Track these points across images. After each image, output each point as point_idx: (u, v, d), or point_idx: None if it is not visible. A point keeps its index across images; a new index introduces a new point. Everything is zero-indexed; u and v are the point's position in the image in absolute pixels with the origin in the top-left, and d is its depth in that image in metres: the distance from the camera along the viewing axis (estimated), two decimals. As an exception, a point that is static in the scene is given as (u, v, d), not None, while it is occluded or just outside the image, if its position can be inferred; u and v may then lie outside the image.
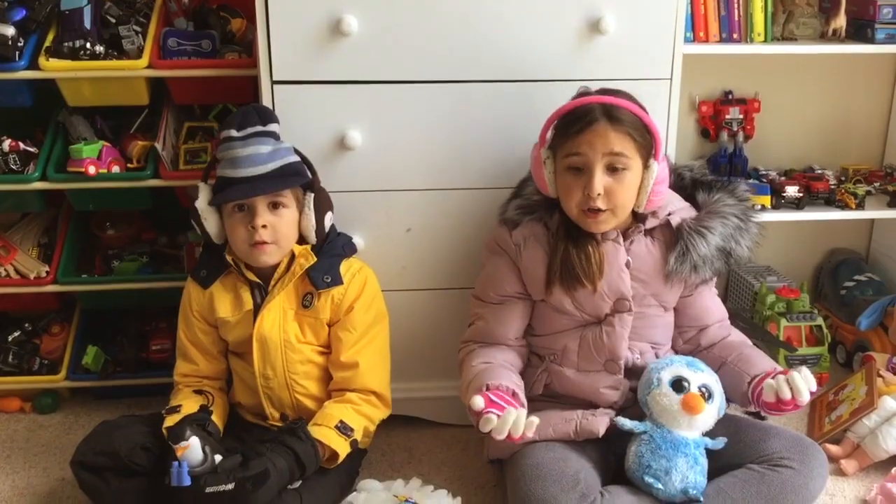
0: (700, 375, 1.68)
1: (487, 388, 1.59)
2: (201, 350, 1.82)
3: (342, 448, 1.67)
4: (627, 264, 1.71)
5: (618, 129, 1.61)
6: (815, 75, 2.45)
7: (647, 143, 1.64)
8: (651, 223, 1.73)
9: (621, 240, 1.71)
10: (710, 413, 1.65)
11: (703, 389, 1.65)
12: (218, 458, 1.58)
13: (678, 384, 1.65)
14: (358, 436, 1.71)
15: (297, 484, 1.62)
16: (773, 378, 1.61)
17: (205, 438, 1.58)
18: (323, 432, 1.67)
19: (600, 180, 1.62)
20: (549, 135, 1.70)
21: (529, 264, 1.74)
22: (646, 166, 1.65)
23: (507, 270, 1.77)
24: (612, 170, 1.63)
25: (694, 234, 1.70)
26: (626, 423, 1.65)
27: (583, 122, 1.63)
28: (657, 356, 1.76)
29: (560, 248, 1.70)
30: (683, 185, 1.84)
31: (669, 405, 1.64)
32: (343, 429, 1.68)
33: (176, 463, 1.52)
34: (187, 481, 1.51)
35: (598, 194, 1.62)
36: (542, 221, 1.74)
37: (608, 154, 1.62)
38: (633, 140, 1.62)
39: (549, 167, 1.69)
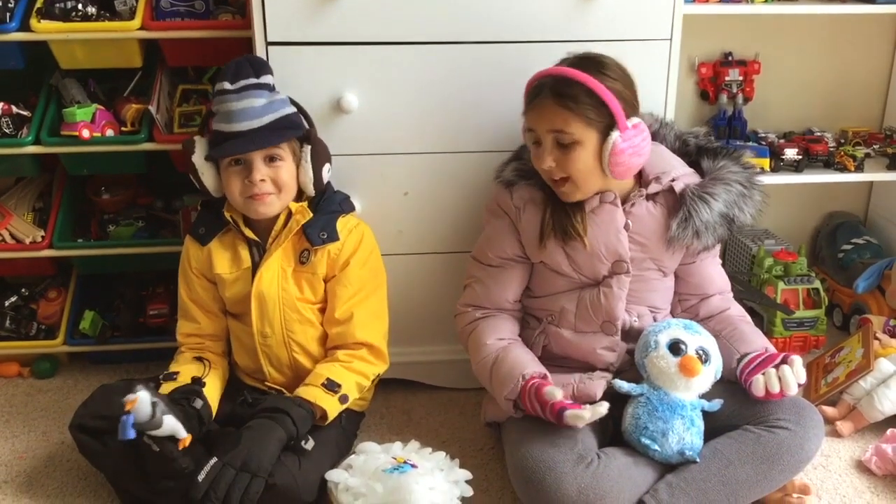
0: (697, 338, 1.68)
1: (526, 378, 1.63)
2: (202, 307, 1.82)
3: (329, 405, 1.68)
4: (627, 227, 1.71)
5: (562, 106, 1.61)
6: (816, 36, 2.43)
7: (601, 115, 1.62)
8: (654, 188, 1.72)
9: (619, 202, 1.71)
10: (707, 375, 1.66)
11: (701, 352, 1.66)
12: (167, 418, 1.55)
13: (675, 347, 1.65)
14: (350, 391, 1.72)
15: (310, 444, 1.64)
16: (763, 374, 1.63)
17: (158, 396, 1.56)
18: (310, 391, 1.68)
19: (549, 154, 1.64)
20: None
21: (528, 226, 1.74)
22: (606, 136, 1.63)
23: (508, 233, 1.77)
24: (560, 144, 1.64)
25: (697, 200, 1.70)
26: (624, 385, 1.66)
27: (533, 98, 1.66)
28: (655, 320, 1.77)
29: (551, 203, 1.72)
30: (688, 151, 1.83)
31: (666, 367, 1.64)
32: (329, 385, 1.69)
33: (124, 416, 1.51)
34: (131, 434, 1.50)
35: (549, 167, 1.64)
36: (539, 185, 1.74)
37: (552, 131, 1.63)
38: (578, 116, 1.61)
39: (527, 137, 1.71)
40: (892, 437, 1.83)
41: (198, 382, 1.71)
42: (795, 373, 1.62)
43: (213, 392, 1.74)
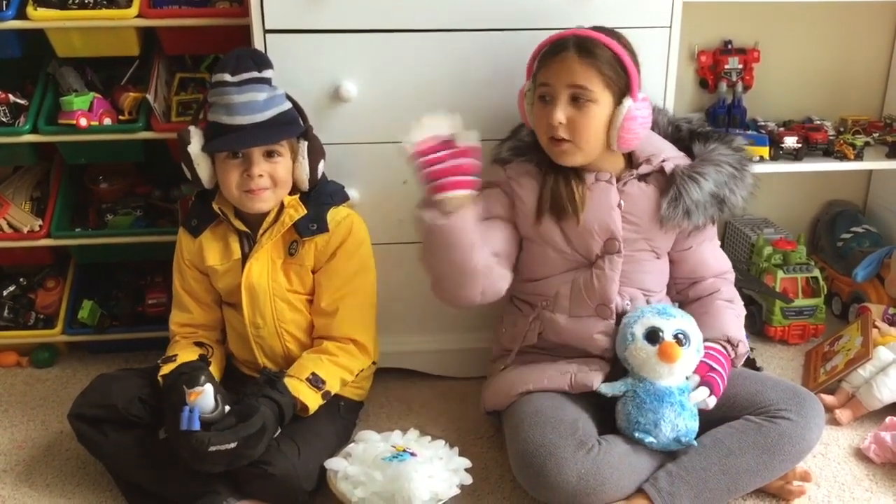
0: (673, 322, 1.67)
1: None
2: (195, 298, 1.82)
3: (312, 401, 1.68)
4: (620, 206, 1.71)
5: (586, 62, 1.62)
6: (816, 24, 2.42)
7: (619, 79, 1.64)
8: (645, 169, 1.72)
9: (614, 181, 1.71)
10: (689, 357, 1.65)
11: (680, 335, 1.65)
12: (227, 408, 1.58)
13: (652, 335, 1.64)
14: (332, 387, 1.72)
15: (277, 432, 1.63)
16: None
17: (217, 387, 1.59)
18: (294, 384, 1.68)
19: (562, 110, 1.64)
20: (534, 68, 1.72)
21: (523, 194, 1.74)
22: (619, 103, 1.65)
23: (498, 196, 1.77)
24: (575, 101, 1.64)
25: (687, 180, 1.70)
26: (607, 390, 1.65)
27: (554, 53, 1.65)
28: (648, 303, 1.76)
29: (549, 181, 1.72)
30: (681, 136, 1.83)
31: (647, 358, 1.63)
32: (314, 381, 1.69)
33: (187, 408, 1.52)
34: (197, 426, 1.52)
35: (560, 123, 1.64)
36: (533, 162, 1.75)
37: (571, 86, 1.63)
38: (600, 74, 1.62)
39: (528, 98, 1.71)
40: (890, 425, 1.83)
41: (203, 360, 1.72)
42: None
43: (214, 375, 1.73)
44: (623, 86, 1.65)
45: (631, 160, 1.75)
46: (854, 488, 1.72)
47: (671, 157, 1.74)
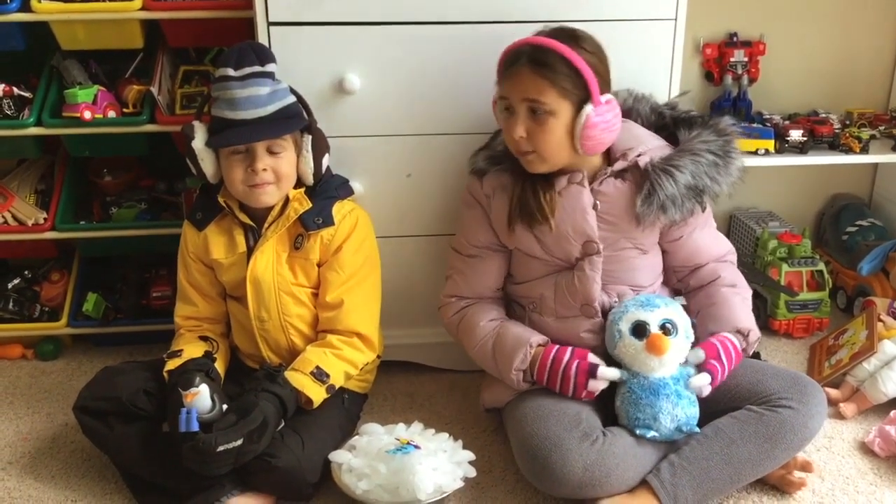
0: (658, 312, 1.65)
1: (534, 345, 1.68)
2: (200, 291, 1.82)
3: (316, 394, 1.68)
4: (595, 207, 1.69)
5: (539, 75, 1.60)
6: (821, 17, 2.41)
7: (576, 87, 1.61)
8: (619, 165, 1.69)
9: (586, 182, 1.69)
10: (679, 346, 1.63)
11: (666, 325, 1.64)
12: (224, 406, 1.59)
13: (638, 329, 1.63)
14: (337, 381, 1.73)
15: (281, 425, 1.64)
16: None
17: (213, 387, 1.59)
18: (298, 378, 1.68)
19: (521, 123, 1.63)
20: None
21: (498, 213, 1.74)
22: (580, 110, 1.62)
23: (481, 221, 1.78)
24: (534, 113, 1.62)
25: (660, 174, 1.66)
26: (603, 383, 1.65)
27: (509, 65, 1.64)
28: None
29: (518, 188, 1.71)
30: (664, 124, 1.80)
31: (636, 353, 1.62)
32: (318, 375, 1.69)
33: (185, 410, 1.54)
34: (196, 427, 1.53)
35: (520, 137, 1.63)
36: (508, 171, 1.74)
37: (527, 99, 1.62)
38: (554, 86, 1.59)
39: (499, 106, 1.70)
40: (895, 419, 1.82)
41: (209, 356, 1.72)
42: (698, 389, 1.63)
43: (219, 369, 1.74)
44: (582, 93, 1.61)
45: (608, 155, 1.72)
46: (858, 482, 1.72)
47: (649, 149, 1.70)
